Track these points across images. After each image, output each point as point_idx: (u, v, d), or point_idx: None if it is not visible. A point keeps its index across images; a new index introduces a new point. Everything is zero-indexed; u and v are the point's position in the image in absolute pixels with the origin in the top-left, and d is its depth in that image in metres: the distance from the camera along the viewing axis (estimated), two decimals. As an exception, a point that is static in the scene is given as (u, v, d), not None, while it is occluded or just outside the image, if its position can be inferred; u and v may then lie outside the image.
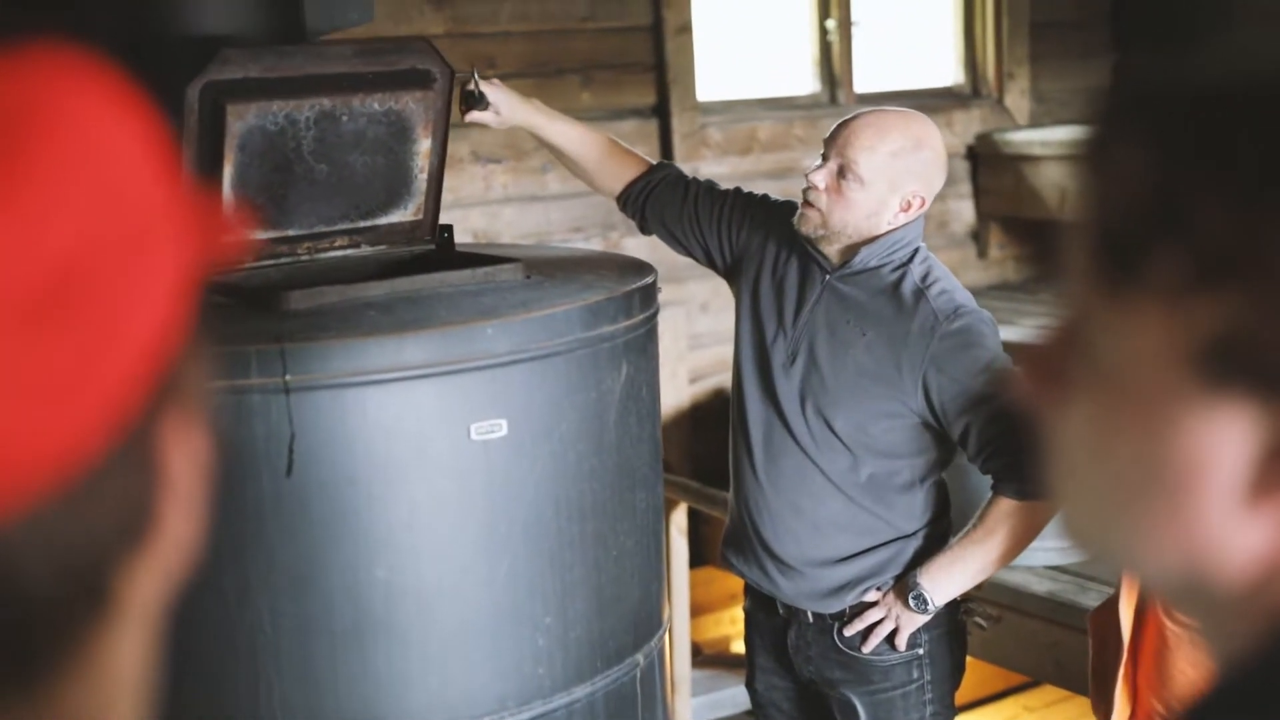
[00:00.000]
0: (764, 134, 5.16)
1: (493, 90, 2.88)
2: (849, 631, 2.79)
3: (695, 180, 2.96)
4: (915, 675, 2.83)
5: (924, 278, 2.67)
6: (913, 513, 2.77)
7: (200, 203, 0.60)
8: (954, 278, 2.73)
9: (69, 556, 0.52)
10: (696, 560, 4.71)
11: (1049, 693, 4.55)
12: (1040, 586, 3.87)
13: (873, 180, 2.62)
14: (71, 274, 0.51)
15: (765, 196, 2.93)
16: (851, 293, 2.70)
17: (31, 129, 0.52)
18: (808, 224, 2.68)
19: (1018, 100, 5.69)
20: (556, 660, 2.32)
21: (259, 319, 2.19)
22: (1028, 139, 5.48)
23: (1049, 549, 3.92)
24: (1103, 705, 2.63)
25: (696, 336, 4.97)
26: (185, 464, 0.59)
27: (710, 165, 5.06)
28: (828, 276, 2.71)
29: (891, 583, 2.76)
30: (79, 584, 0.53)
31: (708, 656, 4.76)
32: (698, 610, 4.75)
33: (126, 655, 0.58)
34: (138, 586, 0.57)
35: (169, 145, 0.58)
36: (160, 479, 0.57)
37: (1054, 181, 5.37)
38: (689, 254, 2.95)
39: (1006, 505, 2.67)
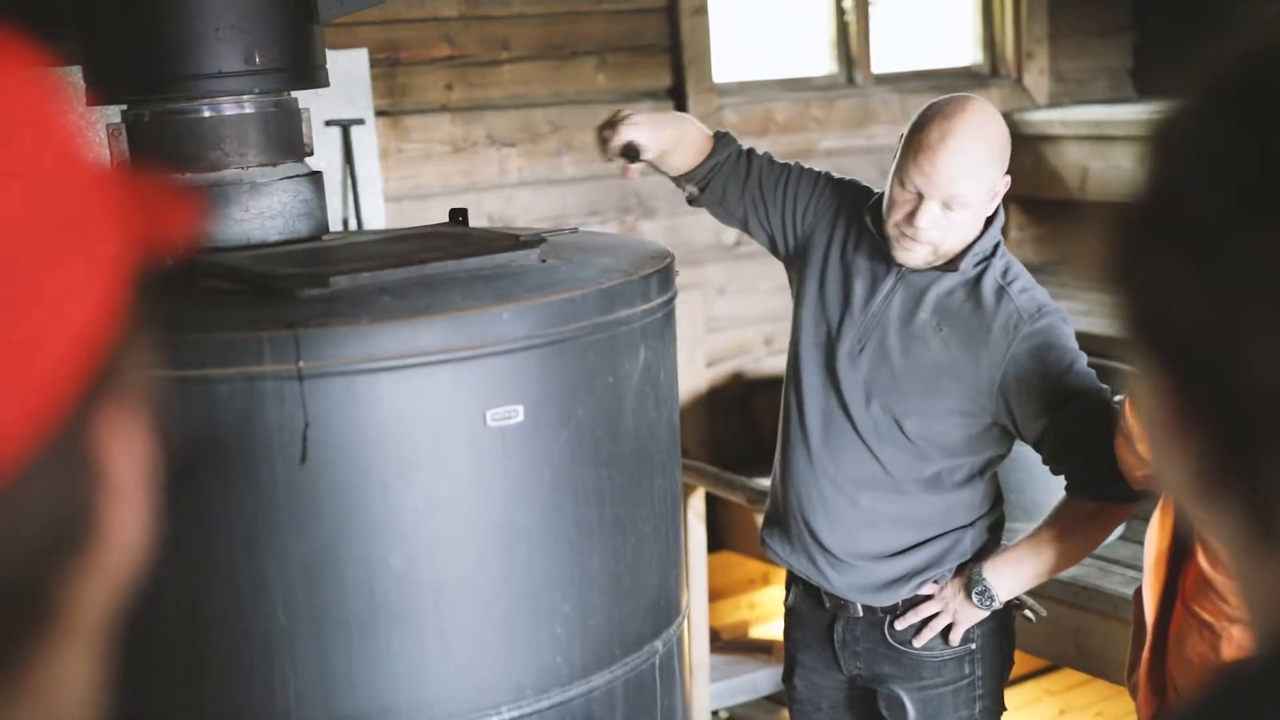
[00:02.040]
0: (781, 115, 5.12)
1: (635, 130, 2.70)
2: (901, 625, 2.74)
3: (753, 157, 2.86)
4: (966, 671, 2.77)
5: (1004, 274, 2.61)
6: (971, 505, 2.71)
7: (142, 188, 0.56)
8: (1029, 275, 2.66)
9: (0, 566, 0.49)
10: (714, 545, 4.69)
11: (1070, 676, 4.52)
12: (1063, 571, 3.83)
13: (976, 198, 2.55)
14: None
15: (828, 177, 2.84)
16: (928, 286, 2.62)
17: None
18: (915, 258, 2.59)
19: (1036, 80, 5.64)
20: (575, 648, 2.30)
21: (271, 305, 2.17)
22: (1047, 119, 5.43)
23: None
24: (1132, 690, 2.61)
25: (714, 320, 4.94)
26: (126, 463, 0.55)
27: (727, 147, 5.01)
28: (902, 268, 2.64)
29: (949, 575, 2.71)
30: (11, 596, 0.50)
31: (726, 642, 4.74)
32: (715, 595, 4.73)
33: (69, 672, 0.54)
34: (79, 597, 0.53)
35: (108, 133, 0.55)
36: (98, 480, 0.53)
37: (1074, 161, 5.32)
38: (749, 234, 2.87)
39: (1081, 506, 2.62)
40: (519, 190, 4.65)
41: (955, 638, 2.72)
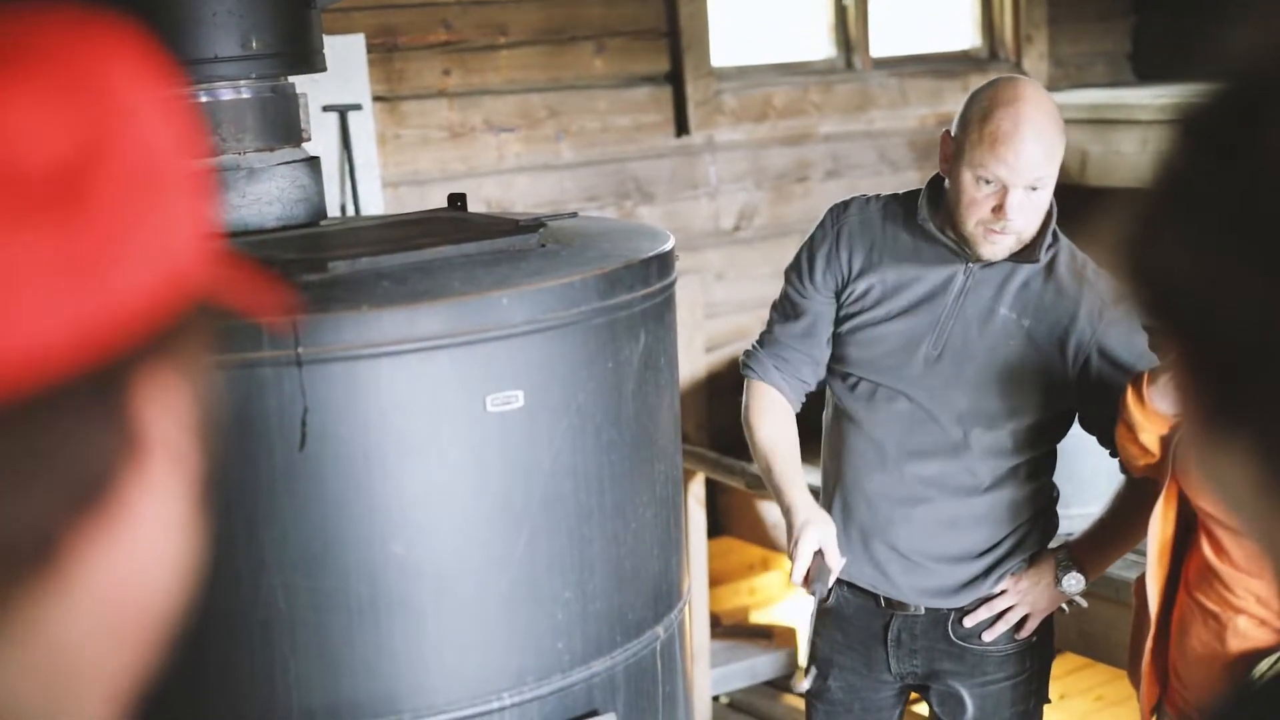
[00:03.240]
0: (779, 100, 5.10)
1: (833, 562, 2.60)
2: (971, 622, 2.70)
3: (779, 330, 2.76)
4: (1027, 664, 2.76)
5: (1074, 257, 2.59)
6: (1040, 493, 2.71)
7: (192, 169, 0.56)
8: None
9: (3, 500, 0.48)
10: (714, 530, 4.69)
11: (1069, 660, 4.52)
12: (1063, 555, 3.83)
13: (1054, 176, 2.54)
14: (74, 181, 0.48)
15: (839, 219, 2.73)
16: (1005, 280, 2.58)
17: (56, 53, 0.49)
18: (1002, 249, 2.54)
19: (1036, 64, 5.63)
20: (576, 634, 2.29)
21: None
22: (1046, 103, 5.41)
23: (1073, 516, 3.88)
24: (1134, 678, 2.61)
25: (712, 305, 4.93)
26: (166, 442, 0.54)
27: (725, 132, 5.01)
28: (969, 264, 2.59)
29: (1022, 567, 2.69)
30: (18, 547, 0.49)
31: (726, 628, 4.73)
32: (715, 581, 4.73)
33: (79, 640, 0.52)
34: (95, 564, 0.52)
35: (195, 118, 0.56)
36: (129, 450, 0.52)
37: (1073, 145, 5.30)
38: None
39: (1143, 484, 2.60)
40: (517, 176, 4.64)
41: (1030, 629, 2.71)
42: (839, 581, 2.74)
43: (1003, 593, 2.69)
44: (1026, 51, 5.61)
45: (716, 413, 4.85)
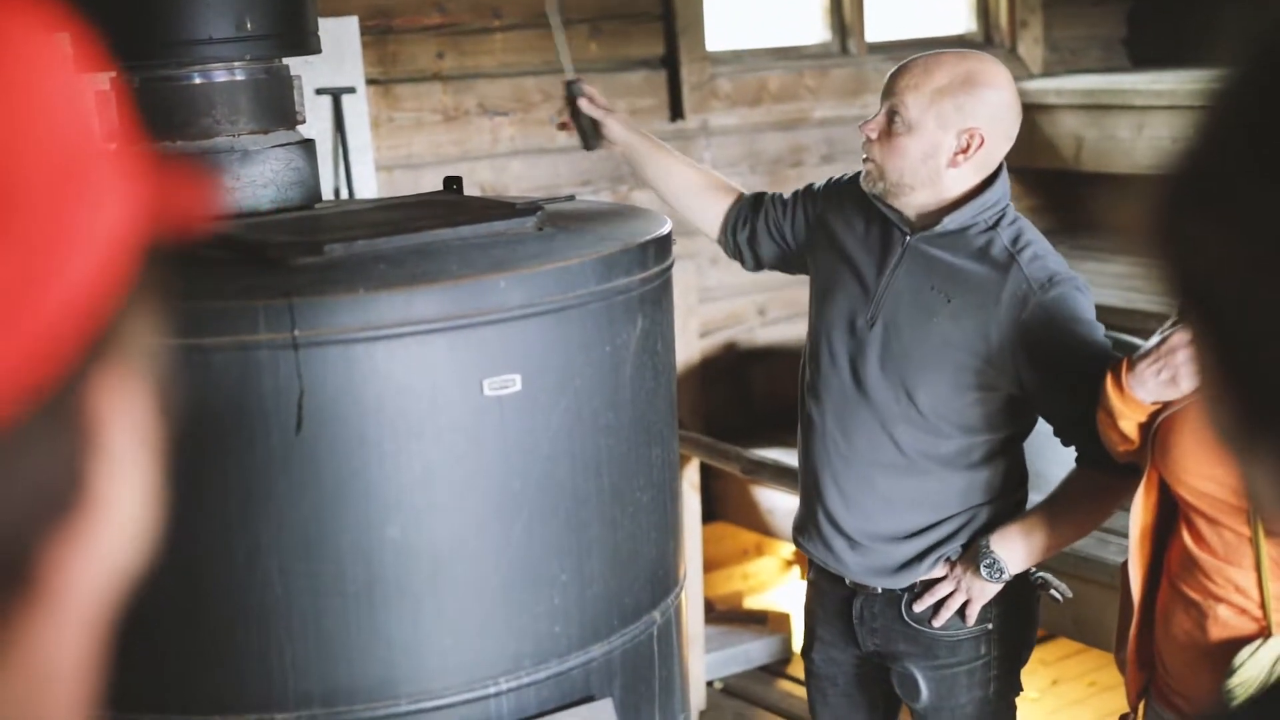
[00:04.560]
0: (774, 84, 5.09)
1: (612, 125, 2.82)
2: (919, 607, 2.70)
3: (768, 197, 2.87)
4: (982, 651, 2.73)
5: (1014, 241, 2.54)
6: (991, 485, 2.66)
7: (152, 156, 0.55)
8: (1045, 240, 2.59)
9: None
10: (708, 516, 4.68)
11: (1063, 646, 4.52)
12: (1058, 540, 3.83)
13: (919, 120, 2.50)
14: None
15: (833, 179, 2.82)
16: (936, 256, 2.57)
17: None
18: (867, 180, 2.58)
19: (1031, 48, 5.62)
20: (573, 619, 2.28)
21: (265, 273, 2.14)
22: (1041, 88, 5.41)
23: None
24: (1120, 663, 2.60)
25: (707, 290, 4.92)
26: (126, 433, 0.53)
27: (720, 116, 5.00)
28: (908, 238, 2.59)
29: (961, 552, 2.67)
30: None
31: (720, 613, 4.73)
32: (710, 566, 4.72)
33: (58, 647, 0.51)
34: (68, 571, 0.51)
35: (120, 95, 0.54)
36: (92, 448, 0.51)
37: (1068, 131, 5.30)
38: (795, 271, 2.88)
39: (1092, 479, 2.59)
40: (511, 160, 4.62)
41: (971, 616, 2.68)
42: (811, 564, 2.83)
43: (944, 578, 2.67)
44: (1021, 36, 5.60)
45: (711, 398, 4.85)
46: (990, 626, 2.71)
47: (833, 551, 2.72)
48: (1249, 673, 2.32)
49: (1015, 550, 2.61)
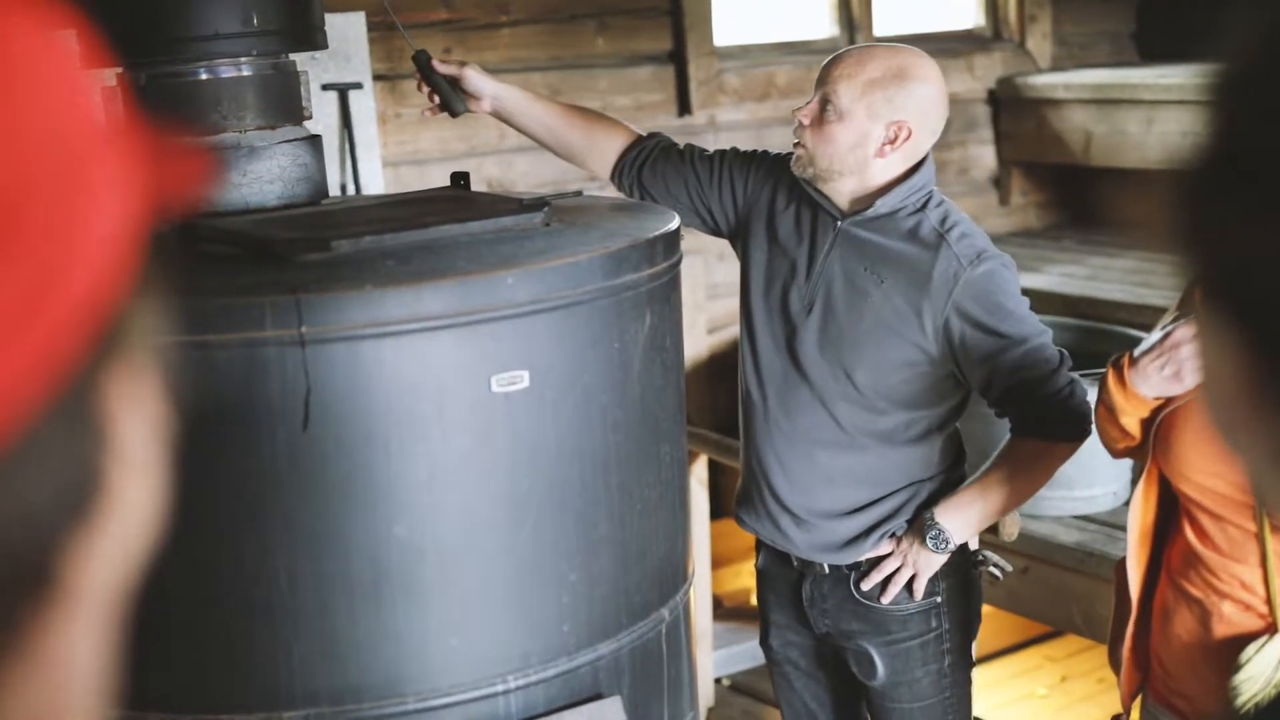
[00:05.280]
0: (782, 79, 5.07)
1: (471, 76, 2.82)
2: (866, 585, 2.76)
3: (689, 145, 2.92)
4: (933, 624, 2.80)
5: (942, 221, 2.63)
6: (930, 461, 2.74)
7: (155, 146, 0.54)
8: (971, 221, 2.68)
9: (1, 534, 0.46)
10: (716, 512, 4.67)
11: (1072, 642, 4.51)
12: (1068, 536, 3.83)
13: (850, 110, 2.57)
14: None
15: (764, 151, 2.89)
16: (867, 239, 2.64)
17: None
18: (798, 164, 2.66)
19: (1039, 43, 5.60)
20: (581, 617, 2.27)
21: (272, 269, 2.13)
22: (1050, 82, 5.39)
23: (1077, 498, 3.87)
24: (1114, 663, 2.58)
25: (714, 286, 4.91)
26: (136, 428, 0.52)
27: (728, 112, 4.98)
28: (839, 223, 2.66)
29: (905, 527, 2.73)
30: (14, 565, 0.47)
31: (728, 609, 4.72)
32: (718, 563, 4.71)
33: (76, 645, 0.51)
34: (86, 569, 0.51)
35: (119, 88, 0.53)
36: (106, 445, 0.51)
37: (1077, 125, 5.28)
38: (688, 221, 2.87)
39: (1026, 446, 2.66)
40: (518, 155, 4.61)
41: (919, 590, 2.74)
42: (759, 545, 2.90)
43: (890, 555, 2.73)
44: (1030, 30, 5.58)
45: (719, 394, 4.83)
46: (939, 600, 2.78)
47: (780, 529, 2.79)
48: (1255, 669, 2.31)
49: (958, 521, 2.68)
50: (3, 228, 0.46)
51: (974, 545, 2.83)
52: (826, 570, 2.80)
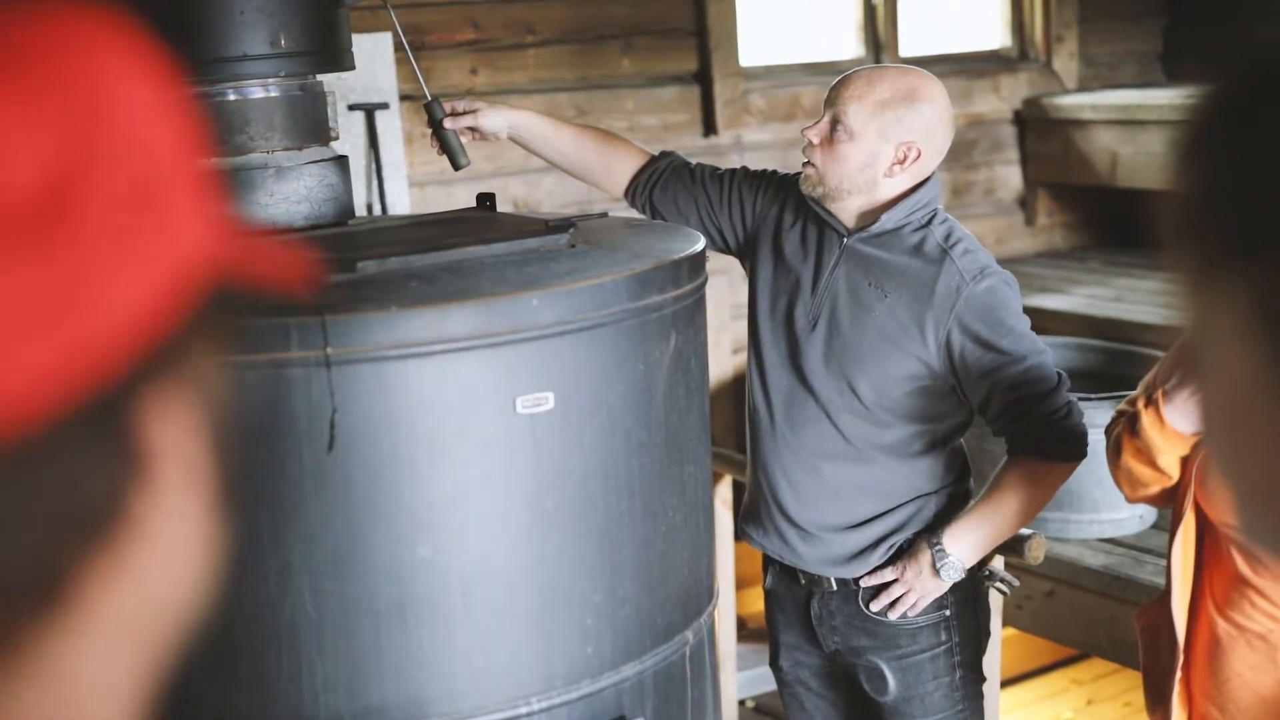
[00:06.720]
0: (808, 100, 5.08)
1: (483, 120, 2.83)
2: (876, 606, 2.77)
3: (700, 165, 2.94)
4: (943, 637, 2.81)
5: (946, 238, 2.65)
6: (935, 474, 2.75)
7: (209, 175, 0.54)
8: (975, 239, 2.71)
9: (5, 538, 0.46)
10: (740, 533, 4.66)
11: (1098, 665, 4.49)
12: (1095, 560, 3.81)
13: (861, 130, 2.60)
14: (60, 200, 0.45)
15: (773, 170, 2.92)
16: (872, 254, 2.67)
17: (41, 57, 0.47)
18: (807, 183, 2.69)
19: (1066, 63, 5.59)
20: (605, 639, 2.27)
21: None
22: (1076, 103, 5.38)
23: (1103, 521, 3.85)
24: (1159, 710, 2.50)
25: (739, 306, 4.89)
26: (177, 457, 0.52)
27: (753, 132, 4.98)
28: (845, 240, 2.69)
29: (909, 544, 2.74)
30: (21, 577, 0.47)
31: (752, 631, 4.71)
32: (742, 584, 4.70)
33: (93, 666, 0.50)
34: (106, 593, 0.50)
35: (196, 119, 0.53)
36: (139, 473, 0.50)
37: (1104, 146, 5.26)
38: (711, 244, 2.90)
39: (1029, 467, 2.67)
40: (544, 175, 4.62)
41: (917, 609, 2.75)
42: (770, 561, 2.91)
43: (895, 581, 2.74)
44: (1057, 51, 5.57)
45: (743, 415, 4.82)
46: (948, 613, 2.80)
47: (787, 543, 2.81)
48: None
49: (965, 546, 2.69)
50: (45, 222, 0.45)
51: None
52: (834, 587, 2.81)
